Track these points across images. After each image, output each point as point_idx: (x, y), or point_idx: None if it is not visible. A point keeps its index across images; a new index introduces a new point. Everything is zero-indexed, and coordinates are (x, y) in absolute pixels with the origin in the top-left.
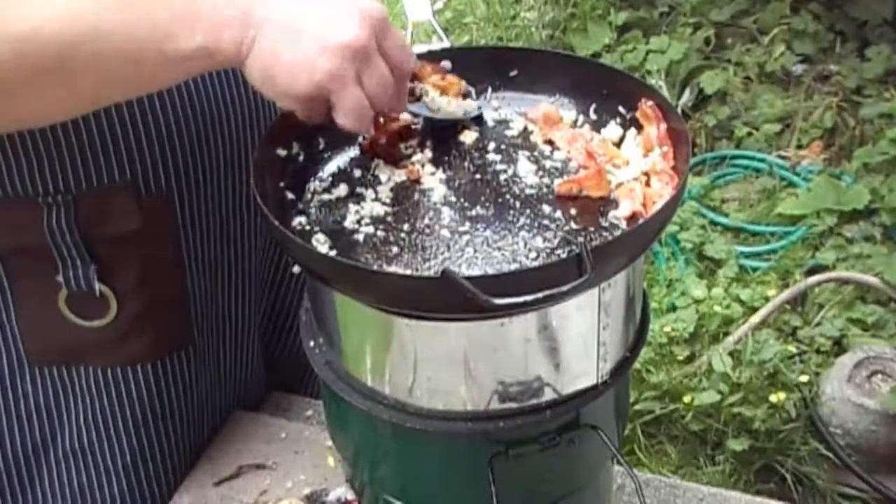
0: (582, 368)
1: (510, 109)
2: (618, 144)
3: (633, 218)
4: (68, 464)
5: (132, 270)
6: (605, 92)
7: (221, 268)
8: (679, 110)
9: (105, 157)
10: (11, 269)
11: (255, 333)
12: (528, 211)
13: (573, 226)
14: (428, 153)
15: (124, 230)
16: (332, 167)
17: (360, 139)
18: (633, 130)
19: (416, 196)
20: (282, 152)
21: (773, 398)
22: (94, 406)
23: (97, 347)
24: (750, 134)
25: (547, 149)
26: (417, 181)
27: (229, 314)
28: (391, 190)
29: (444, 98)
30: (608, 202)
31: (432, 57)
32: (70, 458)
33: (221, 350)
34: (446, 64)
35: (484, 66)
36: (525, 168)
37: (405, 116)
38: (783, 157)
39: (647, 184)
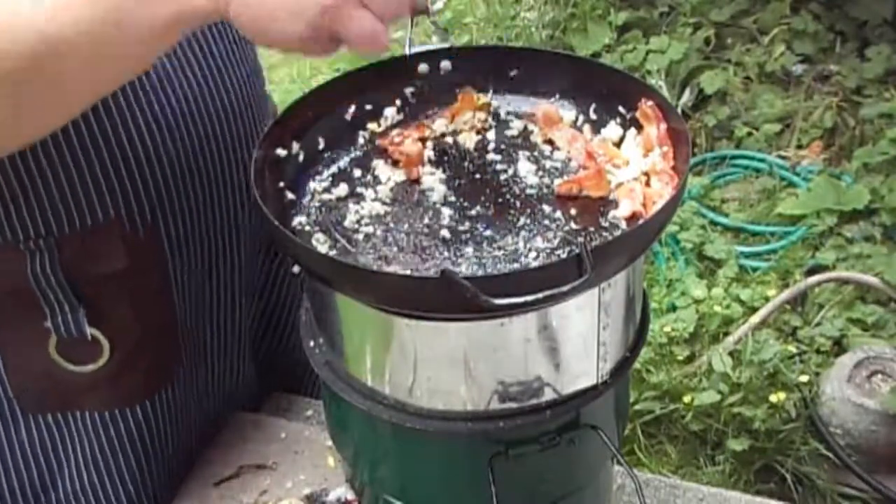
0: (582, 368)
1: (510, 109)
2: (618, 144)
3: (633, 218)
4: None
5: (122, 309)
6: (605, 92)
7: (209, 288)
8: (679, 110)
9: (87, 197)
10: None
11: (245, 339)
12: (528, 211)
13: (573, 226)
14: (429, 153)
15: (112, 269)
16: (332, 167)
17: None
18: (633, 130)
19: (416, 196)
20: (282, 152)
21: (773, 398)
22: (93, 448)
23: (91, 391)
24: (750, 134)
25: (547, 149)
26: (417, 181)
27: (216, 329)
28: (391, 190)
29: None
30: (608, 202)
31: (432, 57)
32: (71, 501)
33: (209, 363)
34: (446, 64)
35: (484, 66)
36: (525, 168)
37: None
38: (783, 157)
39: (647, 184)
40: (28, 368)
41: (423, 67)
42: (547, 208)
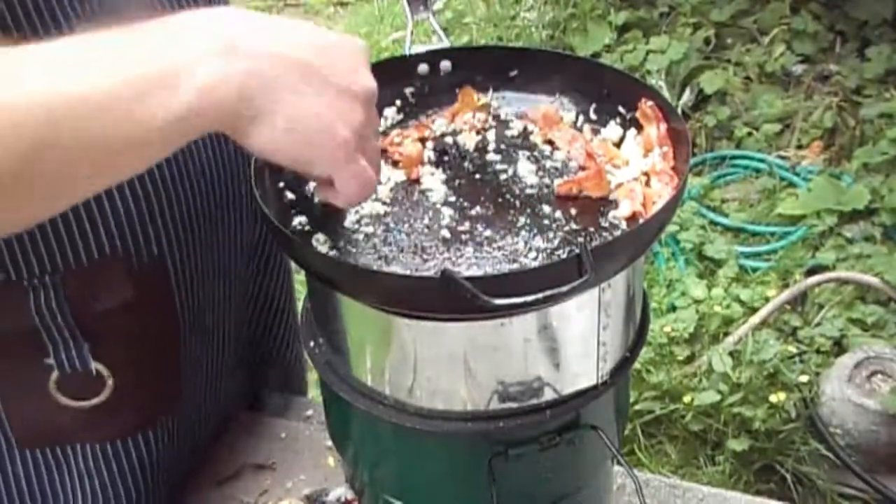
0: (582, 368)
1: (510, 109)
2: (618, 144)
3: (633, 218)
4: None
5: (128, 343)
6: (605, 92)
7: (210, 310)
8: (679, 110)
9: (93, 231)
10: None
11: (237, 350)
12: (528, 211)
13: (573, 226)
14: (429, 154)
15: (117, 303)
16: None
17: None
18: (633, 130)
19: (416, 196)
20: None
21: (773, 398)
22: (94, 482)
23: (93, 425)
24: (750, 134)
25: (547, 149)
26: (417, 181)
27: (215, 349)
28: (391, 190)
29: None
30: (608, 202)
31: (432, 57)
32: None
33: (207, 383)
34: (446, 64)
35: (484, 66)
36: (525, 168)
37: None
38: (783, 157)
39: (647, 184)
40: (26, 404)
41: (423, 67)
42: (547, 208)
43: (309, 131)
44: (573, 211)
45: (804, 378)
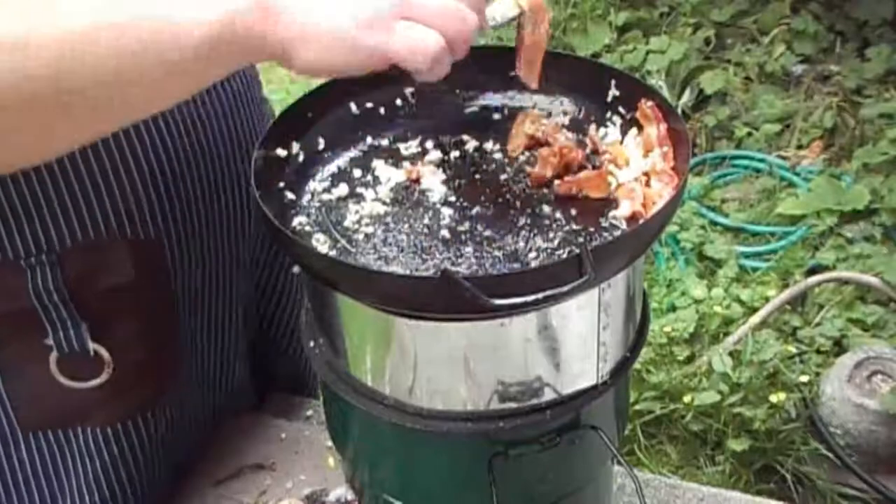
0: (582, 368)
1: (510, 109)
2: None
3: (633, 218)
4: None
5: (126, 323)
6: (605, 92)
7: (209, 298)
8: (679, 110)
9: (89, 210)
10: None
11: (241, 343)
12: (528, 211)
13: (573, 226)
14: (430, 153)
15: (115, 283)
16: (332, 167)
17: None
18: (633, 130)
19: (416, 196)
20: (282, 152)
21: (773, 398)
22: (95, 465)
23: (95, 407)
24: (750, 134)
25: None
26: (417, 181)
27: (215, 336)
28: (391, 190)
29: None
30: (608, 202)
31: None
32: None
33: (207, 367)
34: None
35: (484, 66)
36: (525, 168)
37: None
38: (783, 157)
39: (647, 184)
40: (28, 386)
41: None
42: (547, 208)
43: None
44: (573, 211)
45: (804, 378)
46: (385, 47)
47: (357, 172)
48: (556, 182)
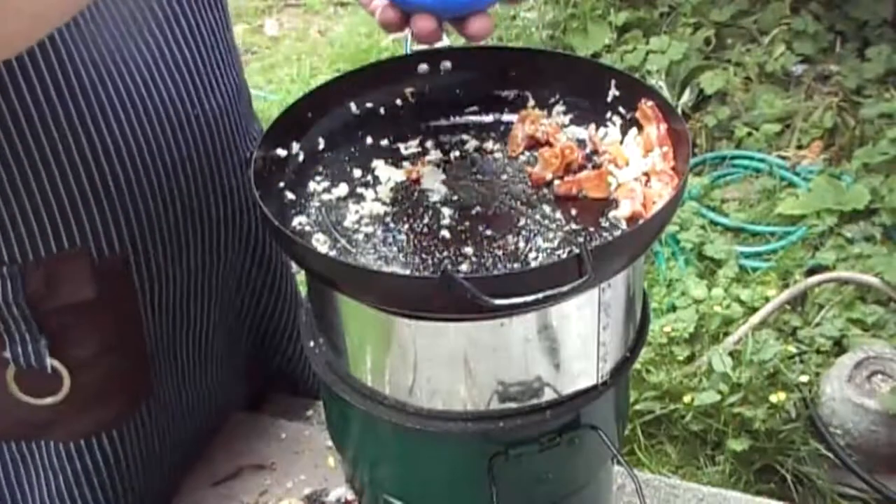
0: (582, 368)
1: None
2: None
3: (633, 218)
4: None
5: (88, 340)
6: (606, 92)
7: (184, 316)
8: (679, 110)
9: (52, 223)
10: None
11: (234, 345)
12: (528, 211)
13: (573, 226)
14: (430, 153)
15: (77, 299)
16: (332, 167)
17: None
18: (633, 130)
19: (416, 196)
20: (282, 152)
21: (773, 398)
22: (58, 480)
23: (56, 423)
24: (750, 134)
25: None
26: (417, 181)
27: (192, 353)
28: (391, 190)
29: None
30: (608, 202)
31: (432, 57)
32: None
33: (187, 387)
34: (446, 64)
35: (484, 66)
36: (525, 168)
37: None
38: (783, 157)
39: (647, 184)
40: None
41: (423, 67)
42: (547, 208)
43: None
44: (573, 211)
45: (804, 378)
46: None
47: (357, 172)
48: (556, 182)
